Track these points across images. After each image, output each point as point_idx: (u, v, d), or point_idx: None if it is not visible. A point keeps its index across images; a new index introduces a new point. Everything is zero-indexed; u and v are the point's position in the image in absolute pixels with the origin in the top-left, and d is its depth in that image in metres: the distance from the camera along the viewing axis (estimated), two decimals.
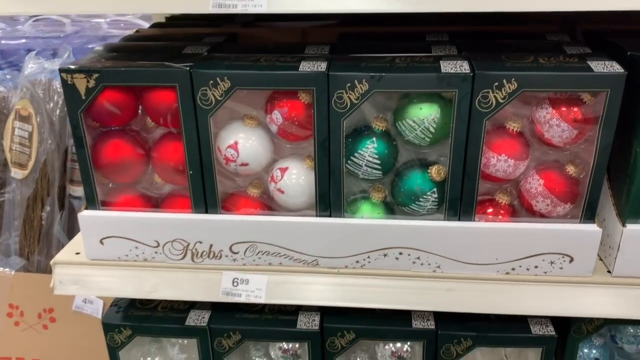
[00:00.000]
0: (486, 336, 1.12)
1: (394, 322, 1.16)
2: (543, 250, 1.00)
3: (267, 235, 1.06)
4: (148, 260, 1.10)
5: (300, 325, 1.16)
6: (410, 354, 1.18)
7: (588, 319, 1.15)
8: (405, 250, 1.04)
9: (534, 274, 1.03)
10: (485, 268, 1.03)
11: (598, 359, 1.22)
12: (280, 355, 1.21)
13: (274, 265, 1.08)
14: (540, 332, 1.11)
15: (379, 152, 0.99)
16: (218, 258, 1.09)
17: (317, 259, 1.07)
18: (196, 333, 1.17)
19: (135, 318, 1.20)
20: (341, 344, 1.16)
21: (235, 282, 1.09)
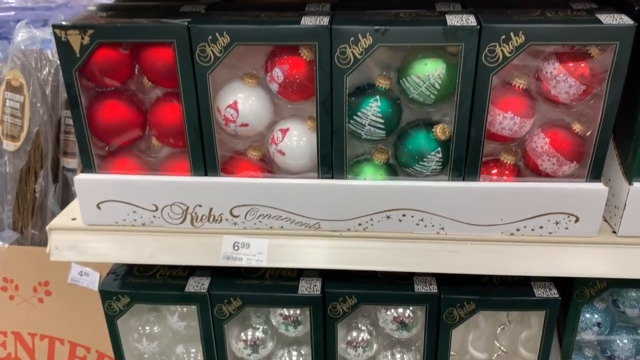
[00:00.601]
0: (489, 300, 1.11)
1: (396, 287, 1.15)
2: (548, 210, 0.99)
3: (268, 198, 1.04)
4: (146, 224, 1.08)
5: (302, 290, 1.14)
6: (413, 319, 1.17)
7: (591, 282, 1.14)
8: (408, 212, 1.02)
9: (539, 235, 1.01)
10: (490, 229, 1.02)
11: (600, 323, 1.22)
12: (281, 321, 1.20)
13: (275, 228, 1.06)
14: (544, 295, 1.10)
15: (382, 111, 0.97)
16: (218, 222, 1.07)
17: (319, 222, 1.05)
18: (196, 299, 1.15)
19: (133, 285, 1.18)
20: (343, 309, 1.15)
21: (236, 246, 1.07)
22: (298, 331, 1.20)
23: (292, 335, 1.21)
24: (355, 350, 1.21)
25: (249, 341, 1.22)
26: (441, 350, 1.17)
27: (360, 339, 1.21)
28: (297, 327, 1.19)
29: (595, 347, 1.29)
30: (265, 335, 1.23)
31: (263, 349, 1.23)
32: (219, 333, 1.19)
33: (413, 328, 1.18)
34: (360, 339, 1.21)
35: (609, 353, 1.27)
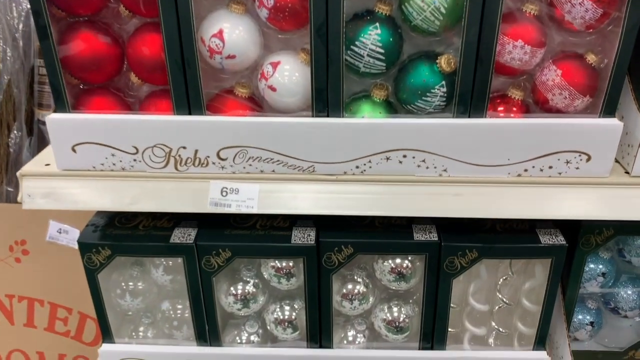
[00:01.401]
0: (493, 247, 1.05)
1: (395, 236, 1.09)
2: (558, 149, 0.93)
3: (258, 139, 0.96)
4: (126, 169, 1.00)
5: (295, 240, 1.08)
6: (411, 270, 1.12)
7: (598, 230, 1.09)
8: (409, 152, 0.95)
9: (548, 176, 0.95)
10: (496, 170, 0.96)
11: (605, 273, 1.18)
12: (273, 274, 1.13)
13: (266, 172, 0.99)
14: (550, 241, 1.05)
15: (382, 40, 0.89)
16: (204, 165, 0.99)
17: (314, 164, 0.98)
18: (182, 251, 1.08)
19: (114, 237, 1.10)
20: (338, 259, 1.08)
21: (224, 191, 0.99)
22: (291, 284, 1.14)
23: (285, 288, 1.15)
24: (351, 303, 1.15)
25: (239, 295, 1.15)
26: (441, 301, 1.12)
27: (356, 292, 1.15)
28: (290, 280, 1.13)
29: (598, 299, 1.25)
30: (256, 289, 1.16)
31: (254, 303, 1.17)
32: (207, 287, 1.12)
33: (411, 279, 1.12)
34: (356, 292, 1.15)
35: (612, 305, 1.23)
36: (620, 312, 1.22)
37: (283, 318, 1.18)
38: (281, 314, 1.18)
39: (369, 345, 1.21)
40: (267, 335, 1.23)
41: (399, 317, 1.17)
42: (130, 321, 1.24)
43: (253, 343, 1.22)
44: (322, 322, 1.16)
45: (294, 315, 1.18)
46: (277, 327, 1.19)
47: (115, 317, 1.21)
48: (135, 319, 1.24)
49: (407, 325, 1.17)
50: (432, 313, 1.14)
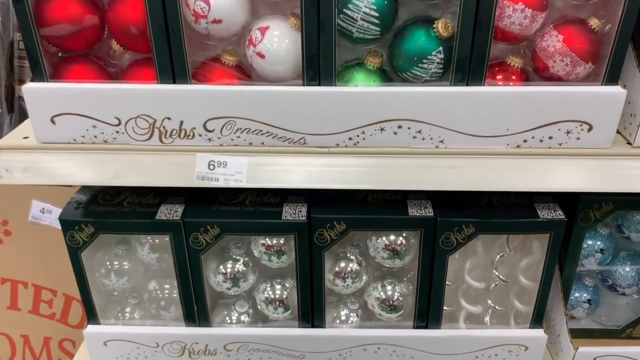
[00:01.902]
0: (490, 222, 1.02)
1: (389, 211, 1.05)
2: (559, 118, 0.89)
3: (246, 109, 0.92)
4: (108, 142, 0.95)
5: (286, 216, 1.04)
6: (405, 247, 1.08)
7: (597, 204, 1.06)
8: (404, 122, 0.91)
9: (548, 147, 0.92)
10: (494, 141, 0.92)
11: (603, 249, 1.15)
12: (263, 252, 1.09)
13: (255, 145, 0.95)
14: (549, 216, 1.02)
15: (377, 3, 0.84)
16: (190, 138, 0.95)
17: (305, 136, 0.94)
18: (168, 228, 1.04)
19: (97, 214, 1.06)
20: (330, 236, 1.05)
21: (211, 165, 0.95)
22: (282, 262, 1.10)
23: (276, 266, 1.12)
24: (344, 281, 1.12)
25: (229, 274, 1.12)
26: (436, 278, 1.09)
27: (348, 270, 1.12)
28: (281, 258, 1.09)
29: (595, 276, 1.22)
30: (246, 268, 1.13)
31: (244, 282, 1.13)
32: (195, 265, 1.09)
33: (405, 256, 1.09)
34: (348, 270, 1.12)
35: (610, 282, 1.20)
36: (618, 290, 1.20)
37: (274, 297, 1.15)
38: (272, 293, 1.15)
39: (362, 325, 1.19)
40: (257, 315, 1.20)
41: (393, 295, 1.14)
42: (117, 302, 1.20)
43: (243, 323, 1.19)
44: (314, 301, 1.13)
45: (285, 295, 1.15)
46: (267, 307, 1.15)
47: (100, 297, 1.17)
48: (122, 300, 1.20)
49: (401, 303, 1.14)
50: (426, 291, 1.11)
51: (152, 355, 1.18)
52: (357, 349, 1.16)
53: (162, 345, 1.17)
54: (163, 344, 1.17)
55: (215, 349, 1.17)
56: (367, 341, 1.15)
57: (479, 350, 1.15)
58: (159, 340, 1.16)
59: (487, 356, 1.15)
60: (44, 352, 1.54)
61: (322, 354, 1.17)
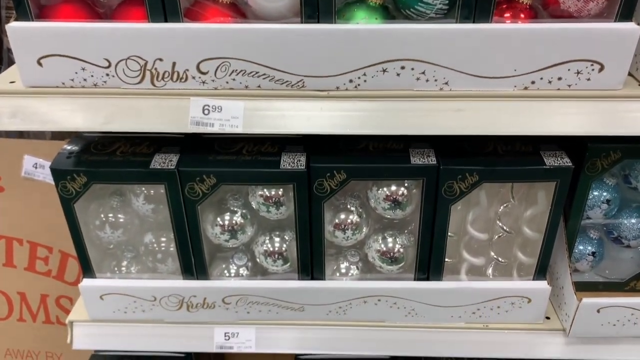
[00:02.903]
0: (494, 170, 0.99)
1: (391, 160, 1.02)
2: (569, 58, 0.85)
3: (242, 49, 0.87)
4: (98, 85, 0.92)
5: (284, 165, 1.01)
6: (407, 197, 1.06)
7: (604, 153, 1.03)
8: (408, 63, 0.87)
9: (557, 88, 0.88)
10: (501, 82, 0.88)
11: (610, 200, 1.12)
12: (261, 202, 1.07)
13: (251, 88, 0.91)
14: (555, 163, 0.99)
15: None
16: (183, 80, 0.91)
17: (303, 78, 0.90)
18: (164, 177, 1.01)
19: (90, 163, 1.02)
20: (330, 186, 1.02)
21: (206, 109, 0.91)
22: (280, 213, 1.08)
23: (275, 218, 1.09)
24: (344, 233, 1.09)
25: (227, 226, 1.09)
26: (438, 229, 1.06)
27: (349, 221, 1.09)
28: (280, 209, 1.07)
29: (600, 228, 1.20)
30: (244, 220, 1.10)
31: (242, 234, 1.11)
32: (191, 216, 1.06)
33: (407, 207, 1.06)
34: (349, 221, 1.09)
35: (615, 234, 1.18)
36: (624, 242, 1.18)
37: (273, 250, 1.13)
38: (271, 245, 1.13)
39: (362, 277, 1.17)
40: (256, 268, 1.18)
41: (394, 247, 1.12)
42: (113, 255, 1.18)
43: (242, 276, 1.17)
44: (314, 253, 1.11)
45: (284, 247, 1.13)
46: (266, 259, 1.13)
47: (96, 251, 1.15)
48: (118, 253, 1.18)
49: (402, 255, 1.12)
50: (428, 242, 1.09)
51: (149, 309, 1.17)
52: (357, 301, 1.14)
53: (160, 298, 1.15)
54: (160, 298, 1.15)
55: (213, 302, 1.15)
56: (368, 293, 1.13)
57: (481, 303, 1.13)
58: (156, 294, 1.15)
59: (489, 308, 1.14)
60: (41, 309, 1.53)
61: (322, 306, 1.15)
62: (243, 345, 1.20)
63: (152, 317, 1.18)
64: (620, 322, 1.10)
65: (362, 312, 1.16)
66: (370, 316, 1.16)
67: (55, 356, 1.61)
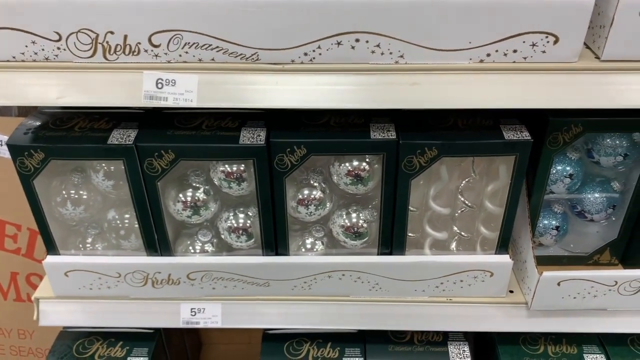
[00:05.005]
0: (453, 144, 0.99)
1: (351, 135, 1.01)
2: (524, 29, 0.85)
3: (194, 21, 0.86)
4: (50, 59, 0.90)
5: (244, 140, 1.00)
6: (369, 172, 1.06)
7: (566, 127, 1.03)
8: (362, 35, 0.86)
9: (512, 61, 0.88)
10: (457, 55, 0.87)
11: (572, 174, 1.13)
12: (223, 179, 1.06)
13: (205, 61, 0.90)
14: (514, 137, 0.99)
15: None
16: (136, 54, 0.89)
17: (257, 51, 0.89)
18: (121, 153, 1.00)
19: (47, 139, 1.01)
20: (291, 161, 1.01)
21: (159, 83, 0.90)
22: (242, 189, 1.07)
23: (237, 194, 1.09)
24: (307, 208, 1.09)
25: (189, 202, 1.09)
26: (399, 204, 1.06)
27: (312, 197, 1.09)
28: (241, 184, 1.06)
29: (564, 203, 1.20)
30: (207, 196, 1.10)
31: (205, 210, 1.11)
32: (152, 192, 1.05)
33: (369, 182, 1.06)
34: (312, 197, 1.09)
35: (579, 208, 1.19)
36: (587, 216, 1.18)
37: (237, 226, 1.13)
38: (235, 221, 1.13)
39: (328, 252, 1.17)
40: (222, 244, 1.18)
41: (357, 222, 1.12)
42: (77, 233, 1.18)
43: (207, 252, 1.17)
44: (277, 228, 1.11)
45: (248, 223, 1.13)
46: (230, 235, 1.13)
47: (59, 228, 1.15)
48: (82, 230, 1.17)
49: (366, 230, 1.13)
50: (390, 217, 1.09)
51: (114, 286, 1.17)
52: (321, 275, 1.15)
53: (124, 275, 1.15)
54: (125, 274, 1.15)
55: (178, 278, 1.16)
56: (331, 268, 1.14)
57: (444, 277, 1.14)
58: (121, 270, 1.15)
59: (452, 282, 1.15)
60: (12, 287, 1.53)
61: (287, 281, 1.16)
62: (209, 320, 1.20)
63: (117, 294, 1.18)
64: (580, 294, 1.12)
65: (327, 286, 1.16)
66: (335, 291, 1.17)
67: (27, 333, 1.61)
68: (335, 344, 1.27)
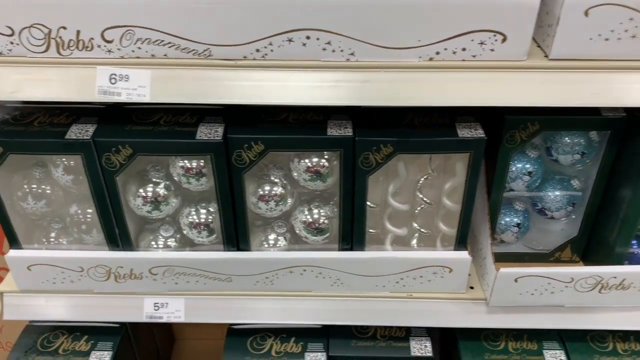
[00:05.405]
0: (408, 141, 1.00)
1: (308, 131, 1.02)
2: (471, 28, 0.85)
3: (145, 17, 0.87)
4: (4, 53, 0.91)
5: (200, 136, 1.01)
6: (328, 168, 1.06)
7: (522, 125, 1.04)
8: (313, 32, 0.87)
9: (461, 59, 0.88)
10: (406, 53, 0.88)
11: (531, 172, 1.14)
12: (182, 174, 1.07)
13: (158, 57, 0.90)
14: (468, 135, 1.00)
15: None
16: (89, 49, 0.90)
17: (210, 47, 0.89)
18: (79, 148, 1.01)
19: (6, 133, 1.02)
20: (249, 157, 1.02)
21: (112, 78, 0.91)
22: (201, 184, 1.08)
23: (196, 189, 1.10)
24: (267, 204, 1.10)
25: (149, 197, 1.10)
26: (358, 200, 1.07)
27: (273, 193, 1.10)
28: (200, 180, 1.07)
29: (526, 200, 1.21)
30: (168, 192, 1.11)
31: (166, 205, 1.11)
32: (111, 187, 1.06)
33: (328, 178, 1.07)
34: (273, 193, 1.10)
35: (540, 206, 1.20)
36: (547, 214, 1.20)
37: (198, 221, 1.13)
38: (196, 217, 1.13)
39: (291, 248, 1.18)
40: (185, 240, 1.19)
41: (319, 218, 1.13)
42: (41, 227, 1.19)
43: (170, 247, 1.18)
44: (238, 224, 1.12)
45: (210, 219, 1.13)
46: (192, 231, 1.14)
47: (23, 222, 1.15)
48: (45, 225, 1.18)
49: (327, 226, 1.14)
50: (349, 213, 1.10)
51: (77, 280, 1.18)
52: (283, 271, 1.16)
53: (87, 269, 1.16)
54: (88, 268, 1.16)
55: (141, 273, 1.16)
56: (293, 263, 1.15)
57: (404, 272, 1.15)
58: (83, 265, 1.15)
59: (412, 278, 1.16)
60: None
61: (249, 277, 1.17)
62: (172, 315, 1.21)
63: (81, 288, 1.19)
64: (538, 291, 1.13)
65: (289, 282, 1.17)
66: (297, 286, 1.18)
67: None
68: (299, 338, 1.28)
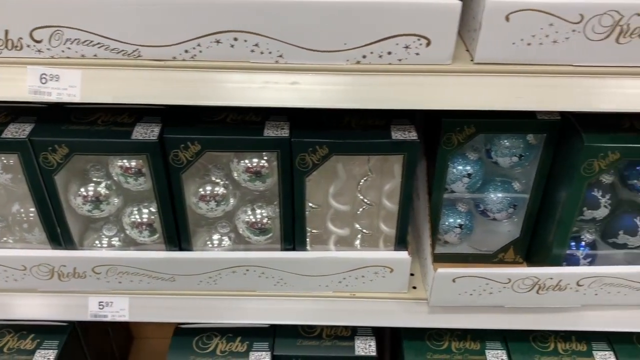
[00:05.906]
0: (343, 143, 1.01)
1: (245, 132, 1.03)
2: (396, 32, 0.86)
3: (73, 17, 0.87)
4: None
5: (136, 135, 1.01)
6: (268, 169, 1.07)
7: (458, 127, 1.05)
8: (240, 34, 0.88)
9: (388, 63, 0.89)
10: (334, 56, 0.89)
11: (471, 174, 1.15)
12: (120, 173, 1.08)
13: (87, 57, 0.91)
14: (402, 137, 1.01)
15: None
16: (19, 49, 0.90)
17: (139, 48, 0.90)
18: (16, 147, 1.01)
19: None
20: (186, 157, 1.03)
21: (43, 78, 0.91)
22: (140, 184, 1.08)
23: (135, 189, 1.10)
24: (207, 204, 1.11)
25: (89, 197, 1.10)
26: (297, 200, 1.08)
27: (213, 193, 1.10)
28: (139, 179, 1.08)
29: (469, 202, 1.23)
30: (109, 191, 1.11)
31: (107, 205, 1.12)
32: (50, 186, 1.06)
33: (267, 179, 1.08)
34: (213, 193, 1.10)
35: (482, 207, 1.21)
36: (489, 215, 1.21)
37: (140, 221, 1.14)
38: (138, 216, 1.14)
39: (235, 248, 1.19)
40: (129, 239, 1.19)
41: (261, 219, 1.14)
42: None
43: (115, 247, 1.18)
44: (179, 224, 1.13)
45: (152, 218, 1.14)
46: (133, 230, 1.15)
47: None
48: None
49: (270, 226, 1.14)
50: (290, 213, 1.11)
51: (21, 278, 1.18)
52: (225, 271, 1.16)
53: (30, 268, 1.16)
54: (31, 267, 1.16)
55: (84, 272, 1.17)
56: (235, 263, 1.15)
57: (346, 272, 1.16)
58: (26, 263, 1.16)
59: (354, 277, 1.17)
60: None
61: (192, 276, 1.17)
62: (117, 314, 1.22)
63: (25, 286, 1.19)
64: (476, 291, 1.14)
65: (232, 281, 1.18)
66: (240, 285, 1.19)
67: None
68: (245, 338, 1.29)
